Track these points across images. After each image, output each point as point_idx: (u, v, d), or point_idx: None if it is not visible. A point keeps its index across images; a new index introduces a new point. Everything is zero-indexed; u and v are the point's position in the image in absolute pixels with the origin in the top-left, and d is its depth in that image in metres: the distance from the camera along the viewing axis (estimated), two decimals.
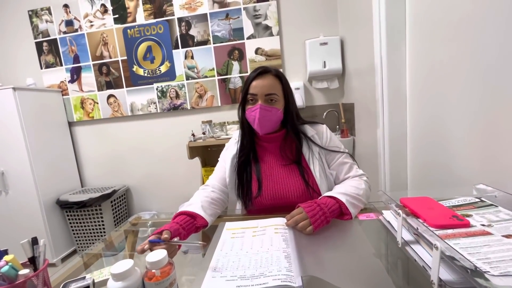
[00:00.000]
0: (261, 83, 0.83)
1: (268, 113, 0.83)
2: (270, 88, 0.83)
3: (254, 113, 0.83)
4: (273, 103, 0.84)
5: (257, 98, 0.83)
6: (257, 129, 0.85)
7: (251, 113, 0.84)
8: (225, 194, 0.89)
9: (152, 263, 0.44)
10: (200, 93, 2.13)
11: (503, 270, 0.35)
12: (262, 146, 0.93)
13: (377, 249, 0.59)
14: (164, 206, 2.35)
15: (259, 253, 0.56)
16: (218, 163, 0.96)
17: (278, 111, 0.85)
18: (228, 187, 0.90)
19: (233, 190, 0.89)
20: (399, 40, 1.06)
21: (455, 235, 0.44)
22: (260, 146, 0.93)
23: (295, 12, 1.97)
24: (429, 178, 0.99)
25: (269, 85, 0.83)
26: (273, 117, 0.84)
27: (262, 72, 0.84)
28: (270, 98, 0.83)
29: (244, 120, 0.89)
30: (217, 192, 0.87)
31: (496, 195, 0.57)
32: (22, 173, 1.91)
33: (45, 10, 2.18)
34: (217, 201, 0.84)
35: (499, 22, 0.61)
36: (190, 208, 0.73)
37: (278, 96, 0.84)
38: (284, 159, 0.89)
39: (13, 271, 0.46)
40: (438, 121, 0.88)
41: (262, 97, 0.83)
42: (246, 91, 0.85)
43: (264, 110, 0.82)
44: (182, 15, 2.05)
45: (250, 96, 0.84)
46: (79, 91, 2.26)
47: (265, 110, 0.82)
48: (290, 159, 0.89)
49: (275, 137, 0.90)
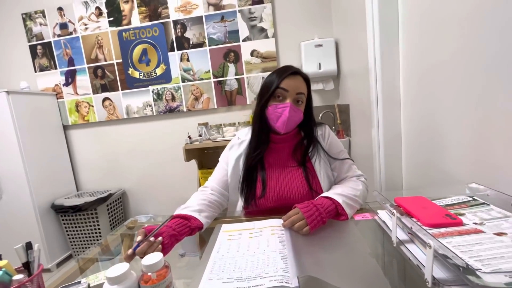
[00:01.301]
0: (293, 81, 0.83)
1: (295, 114, 0.83)
2: (301, 88, 0.84)
3: (281, 110, 0.82)
4: (299, 105, 0.85)
5: (287, 96, 0.83)
6: (280, 127, 0.84)
7: (277, 110, 0.83)
8: (223, 197, 0.89)
9: (148, 266, 0.43)
10: (196, 95, 2.13)
11: (494, 267, 0.35)
12: (270, 147, 0.91)
13: (372, 248, 0.59)
14: (160, 209, 2.34)
15: (256, 255, 0.56)
16: (219, 164, 0.94)
17: (302, 114, 0.86)
18: (230, 188, 0.89)
19: (235, 190, 0.89)
20: (393, 41, 1.07)
21: (448, 233, 0.45)
22: (268, 147, 0.91)
23: (290, 15, 1.98)
24: (424, 177, 1.00)
25: (301, 86, 0.84)
26: (297, 118, 0.85)
27: (294, 72, 0.84)
28: (299, 98, 0.84)
29: (263, 117, 0.87)
30: (216, 194, 0.86)
31: (488, 193, 0.58)
32: (16, 177, 1.88)
33: (39, 13, 2.17)
34: (214, 204, 0.84)
35: (492, 22, 0.62)
36: (185, 211, 0.73)
37: (305, 98, 0.85)
38: (291, 160, 0.89)
39: (7, 277, 0.45)
40: (431, 122, 0.89)
41: (292, 95, 0.82)
42: (277, 86, 0.82)
43: (293, 110, 0.82)
44: (178, 18, 2.05)
45: (280, 91, 0.83)
46: (74, 94, 2.24)
47: (293, 110, 0.82)
48: (298, 161, 0.89)
49: (288, 138, 0.90)
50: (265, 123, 0.87)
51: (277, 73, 0.85)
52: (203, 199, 0.81)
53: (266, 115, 0.86)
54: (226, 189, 0.90)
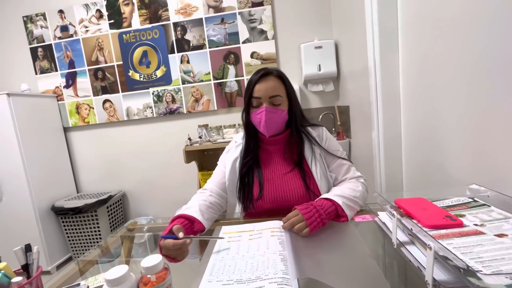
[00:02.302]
0: (264, 85, 0.83)
1: (273, 115, 0.83)
2: (274, 90, 0.84)
3: (259, 116, 0.83)
4: (278, 105, 0.84)
5: (262, 101, 0.83)
6: (263, 131, 0.86)
7: (256, 116, 0.84)
8: (223, 199, 0.89)
9: (147, 268, 0.43)
10: (196, 97, 2.13)
11: (494, 269, 0.35)
12: (265, 149, 0.92)
13: (373, 250, 0.59)
14: (160, 211, 2.34)
15: (256, 257, 0.56)
16: (217, 167, 0.95)
17: (283, 112, 0.85)
18: (228, 191, 0.89)
19: (233, 193, 0.89)
20: (392, 43, 1.08)
21: (448, 235, 0.45)
22: (263, 149, 0.93)
23: (290, 17, 1.99)
24: (424, 179, 0.99)
25: (273, 87, 0.84)
26: (279, 119, 0.85)
27: (264, 74, 0.84)
28: (274, 100, 0.84)
29: (249, 124, 0.89)
30: (215, 196, 0.87)
31: (489, 195, 0.58)
32: (16, 179, 1.88)
33: (40, 15, 2.18)
34: (214, 205, 0.84)
35: (491, 24, 0.62)
36: (188, 212, 0.73)
37: (282, 97, 0.85)
38: (287, 161, 0.89)
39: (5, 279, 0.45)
40: (431, 123, 0.89)
41: (266, 99, 0.83)
42: (250, 95, 0.85)
43: (270, 112, 0.82)
44: (178, 20, 2.06)
45: (254, 100, 0.84)
46: (74, 96, 2.24)
47: (271, 112, 0.83)
48: (293, 162, 0.88)
49: (279, 139, 0.90)
50: (252, 128, 0.90)
51: (251, 78, 0.86)
52: (203, 200, 0.81)
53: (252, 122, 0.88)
54: (224, 191, 0.90)
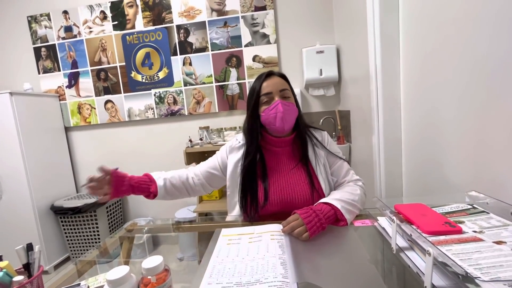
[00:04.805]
0: (272, 81, 0.85)
1: (288, 107, 0.84)
2: (282, 84, 0.86)
3: (274, 110, 0.82)
4: (288, 99, 0.86)
5: (273, 96, 0.84)
6: (280, 125, 0.83)
7: (271, 111, 0.83)
8: (201, 186, 0.93)
9: (148, 269, 0.44)
10: (198, 99, 2.14)
11: (493, 276, 0.35)
12: (271, 151, 0.90)
13: (372, 255, 0.59)
14: (159, 212, 2.33)
15: (255, 260, 0.56)
16: (213, 158, 0.94)
17: (295, 107, 0.86)
18: (228, 191, 0.90)
19: (234, 195, 0.89)
20: (393, 48, 1.09)
21: (447, 241, 0.45)
22: (269, 151, 0.90)
23: (292, 21, 2.00)
24: (423, 185, 1.00)
25: (281, 82, 0.86)
26: (293, 112, 0.86)
27: (268, 74, 0.87)
28: (285, 93, 0.85)
29: (256, 126, 0.87)
30: (195, 180, 0.92)
31: (488, 202, 0.58)
32: (16, 177, 1.89)
33: (45, 16, 2.20)
34: (186, 185, 0.90)
35: (493, 28, 0.62)
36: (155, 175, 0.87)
37: (290, 92, 0.87)
38: (293, 162, 0.89)
39: (7, 278, 0.45)
40: (432, 129, 0.90)
41: (277, 93, 0.84)
42: (258, 94, 0.85)
43: (285, 104, 0.83)
44: (181, 23, 2.07)
45: (264, 97, 0.84)
46: (76, 96, 2.25)
47: (285, 105, 0.83)
48: (298, 159, 0.89)
49: (287, 141, 0.89)
50: (256, 135, 0.87)
51: (255, 82, 0.88)
52: (180, 175, 0.90)
53: (262, 124, 0.87)
54: (208, 181, 0.93)
